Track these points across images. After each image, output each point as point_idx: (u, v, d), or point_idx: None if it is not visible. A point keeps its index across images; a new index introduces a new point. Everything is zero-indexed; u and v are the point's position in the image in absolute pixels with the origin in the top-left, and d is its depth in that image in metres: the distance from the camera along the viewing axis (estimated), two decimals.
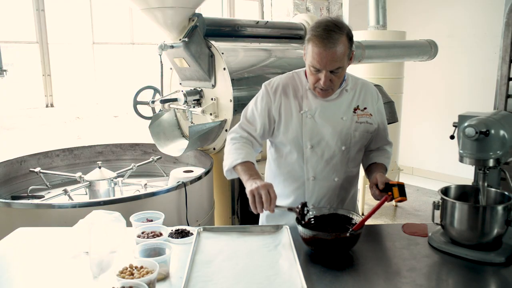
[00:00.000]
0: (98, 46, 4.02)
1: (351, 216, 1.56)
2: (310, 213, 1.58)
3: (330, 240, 1.39)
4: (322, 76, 1.57)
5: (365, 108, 1.75)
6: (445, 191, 1.56)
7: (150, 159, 2.96)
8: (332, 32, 1.53)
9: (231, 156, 1.68)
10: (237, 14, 5.02)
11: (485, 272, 1.34)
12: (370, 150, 1.85)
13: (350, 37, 1.60)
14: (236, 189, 2.86)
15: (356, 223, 1.49)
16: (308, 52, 1.59)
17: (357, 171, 1.84)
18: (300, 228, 1.45)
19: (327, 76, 1.57)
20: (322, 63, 1.55)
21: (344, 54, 1.57)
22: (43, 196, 2.45)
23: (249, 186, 1.51)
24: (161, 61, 2.71)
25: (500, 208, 1.39)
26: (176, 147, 2.87)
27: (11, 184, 2.66)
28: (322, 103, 1.71)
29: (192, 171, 2.61)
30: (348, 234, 1.40)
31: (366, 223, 1.46)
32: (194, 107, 2.78)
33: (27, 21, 3.57)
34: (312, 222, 1.58)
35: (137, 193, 2.42)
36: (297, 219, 1.51)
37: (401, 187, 1.56)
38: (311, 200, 1.75)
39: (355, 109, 1.73)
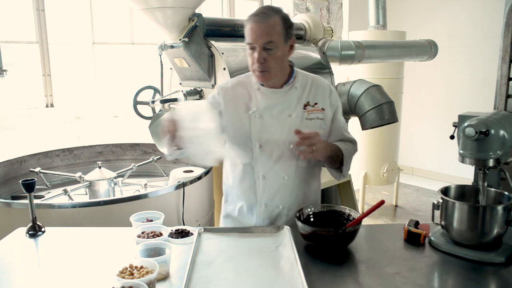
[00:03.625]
0: (98, 46, 4.02)
1: (349, 213, 1.59)
2: (309, 209, 1.61)
3: (329, 236, 1.41)
4: (256, 54, 1.60)
5: (315, 104, 1.72)
6: (445, 191, 1.56)
7: (150, 159, 2.96)
8: (264, 10, 1.61)
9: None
10: (237, 14, 5.01)
11: (485, 272, 1.34)
12: None
13: (286, 21, 1.63)
14: None
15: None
16: (245, 33, 1.64)
17: (313, 169, 1.80)
18: (299, 224, 1.48)
19: (260, 52, 1.59)
20: (253, 37, 1.59)
21: (277, 32, 1.59)
22: (43, 196, 2.45)
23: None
24: (161, 61, 2.71)
25: (500, 208, 1.39)
26: None
27: (11, 184, 2.66)
28: (270, 102, 1.70)
29: (192, 171, 2.61)
30: (346, 230, 1.42)
31: (366, 222, 1.47)
32: None
33: (27, 21, 3.56)
34: (312, 218, 1.60)
35: (137, 193, 2.42)
36: (296, 216, 1.54)
37: None
38: (263, 198, 1.74)
39: (305, 105, 1.72)
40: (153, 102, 2.87)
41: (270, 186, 1.72)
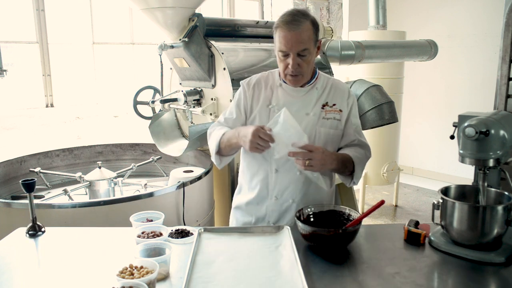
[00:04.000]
0: (98, 46, 4.02)
1: (349, 213, 1.59)
2: (309, 210, 1.62)
3: (329, 236, 1.42)
4: (290, 60, 1.64)
5: (334, 105, 1.77)
6: (445, 191, 1.56)
7: (150, 159, 2.96)
8: (296, 17, 1.62)
9: (214, 139, 1.77)
10: (237, 14, 5.01)
11: (485, 272, 1.34)
12: (341, 148, 1.82)
13: (315, 24, 1.67)
14: None
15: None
16: (276, 38, 1.66)
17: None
18: (299, 224, 1.48)
19: (295, 59, 1.64)
20: (288, 46, 1.62)
21: (310, 38, 1.64)
22: (43, 196, 2.45)
23: (244, 144, 1.60)
24: (161, 61, 2.71)
25: (500, 208, 1.39)
26: (176, 147, 2.87)
27: (11, 184, 2.66)
28: (290, 99, 1.75)
29: (192, 171, 2.61)
30: (346, 230, 1.43)
31: (366, 222, 1.47)
32: (194, 107, 2.78)
33: (27, 21, 3.56)
34: (312, 218, 1.61)
35: (137, 193, 2.42)
36: (296, 216, 1.54)
37: None
38: (274, 191, 1.77)
39: (323, 105, 1.77)
40: (153, 102, 2.88)
41: (282, 180, 1.76)
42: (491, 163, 1.42)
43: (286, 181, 1.76)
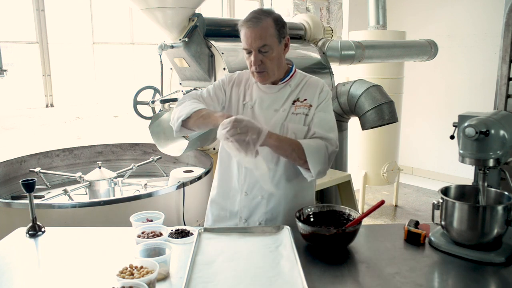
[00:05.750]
0: (98, 46, 4.02)
1: (349, 213, 1.59)
2: (309, 210, 1.62)
3: (329, 236, 1.42)
4: (252, 57, 1.67)
5: (305, 99, 1.76)
6: (445, 191, 1.56)
7: (150, 159, 2.96)
8: (257, 14, 1.66)
9: (185, 108, 1.71)
10: (237, 14, 5.01)
11: (485, 272, 1.34)
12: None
13: (278, 22, 1.68)
14: None
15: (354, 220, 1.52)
16: (241, 37, 1.69)
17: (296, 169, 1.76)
18: (299, 224, 1.48)
19: (256, 56, 1.65)
20: (248, 42, 1.65)
21: (271, 35, 1.65)
22: (43, 196, 2.45)
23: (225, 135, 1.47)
24: (161, 61, 2.71)
25: (500, 208, 1.39)
26: (176, 147, 2.87)
27: (11, 184, 2.66)
28: (262, 95, 1.78)
29: (192, 171, 2.61)
30: (346, 230, 1.43)
31: (366, 222, 1.47)
32: None
33: (27, 21, 3.56)
34: (312, 218, 1.61)
35: (137, 193, 2.42)
36: (296, 216, 1.54)
37: None
38: (244, 186, 1.77)
39: (294, 101, 1.76)
40: (153, 102, 2.87)
41: (251, 175, 1.74)
42: (491, 163, 1.42)
43: (254, 176, 1.70)
